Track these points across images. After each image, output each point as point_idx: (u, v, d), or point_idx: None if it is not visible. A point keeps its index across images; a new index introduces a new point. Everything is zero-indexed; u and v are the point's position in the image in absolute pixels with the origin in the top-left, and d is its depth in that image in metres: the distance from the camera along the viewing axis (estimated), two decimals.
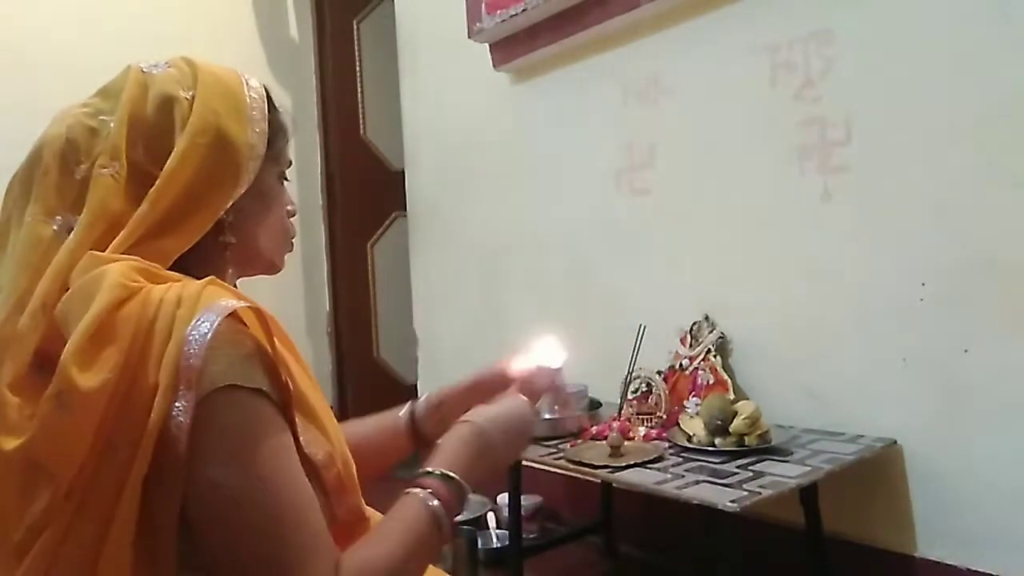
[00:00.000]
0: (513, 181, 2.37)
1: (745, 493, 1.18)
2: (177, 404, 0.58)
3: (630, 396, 1.71)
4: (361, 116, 3.48)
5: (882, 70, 1.47)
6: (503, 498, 2.00)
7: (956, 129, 1.37)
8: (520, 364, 1.01)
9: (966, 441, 1.37)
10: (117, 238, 0.65)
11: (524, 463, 1.67)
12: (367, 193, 3.43)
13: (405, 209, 2.92)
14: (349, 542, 0.66)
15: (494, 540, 2.03)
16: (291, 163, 0.82)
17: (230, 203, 0.71)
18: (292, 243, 0.83)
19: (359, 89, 3.48)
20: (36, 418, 0.57)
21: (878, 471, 1.47)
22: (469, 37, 2.29)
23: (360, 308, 3.45)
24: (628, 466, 1.34)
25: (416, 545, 0.67)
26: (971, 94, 1.35)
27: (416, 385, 2.87)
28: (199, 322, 0.59)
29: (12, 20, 2.90)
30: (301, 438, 0.65)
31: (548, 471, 1.68)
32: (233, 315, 0.61)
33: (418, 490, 0.71)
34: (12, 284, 0.65)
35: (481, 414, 0.81)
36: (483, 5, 2.20)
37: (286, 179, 0.81)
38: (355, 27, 3.50)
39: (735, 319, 1.72)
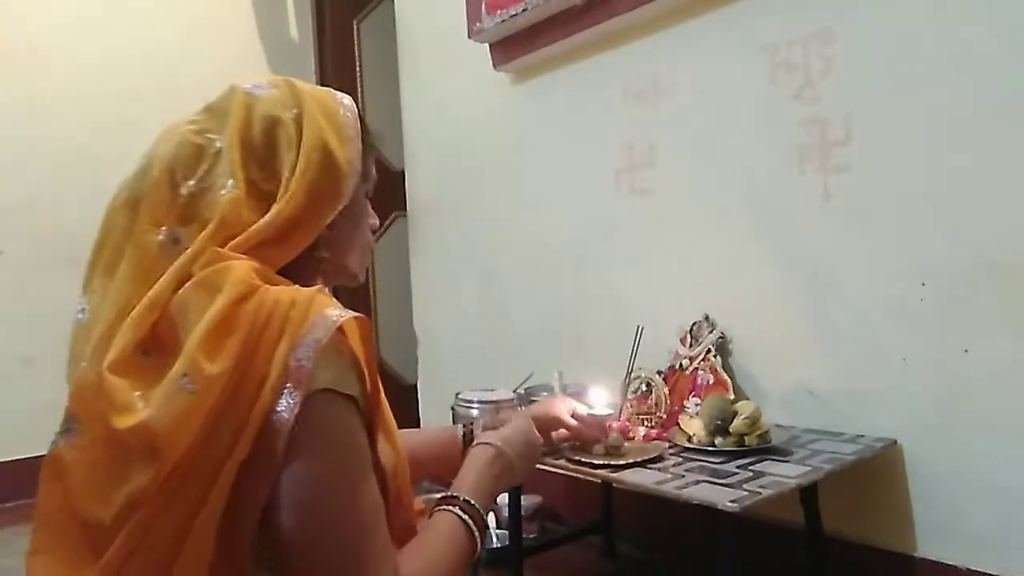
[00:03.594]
0: (513, 181, 2.37)
1: (745, 493, 1.18)
2: (282, 400, 0.61)
3: (630, 396, 1.71)
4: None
5: (882, 70, 1.47)
6: (503, 498, 2.00)
7: (956, 129, 1.37)
8: (571, 409, 1.20)
9: (966, 441, 1.37)
10: (233, 242, 0.68)
11: None
12: None
13: (405, 209, 2.92)
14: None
15: (494, 540, 2.03)
16: (376, 179, 0.86)
17: (331, 219, 0.75)
18: (371, 256, 0.88)
19: (359, 89, 3.48)
20: (157, 397, 0.60)
21: (878, 471, 1.47)
22: (469, 37, 2.29)
23: (360, 308, 3.44)
24: (628, 466, 1.34)
25: (457, 554, 0.75)
26: (971, 94, 1.35)
27: (416, 385, 2.87)
28: (313, 327, 0.63)
29: (11, 20, 2.90)
30: (378, 446, 0.70)
31: (548, 471, 1.68)
32: (340, 326, 0.65)
33: (452, 507, 0.78)
34: (118, 292, 0.68)
35: (498, 436, 0.90)
36: (483, 5, 2.20)
37: (369, 195, 0.85)
38: (355, 27, 3.50)
39: (735, 319, 1.72)
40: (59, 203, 2.93)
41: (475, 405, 1.69)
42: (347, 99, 0.81)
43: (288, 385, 0.61)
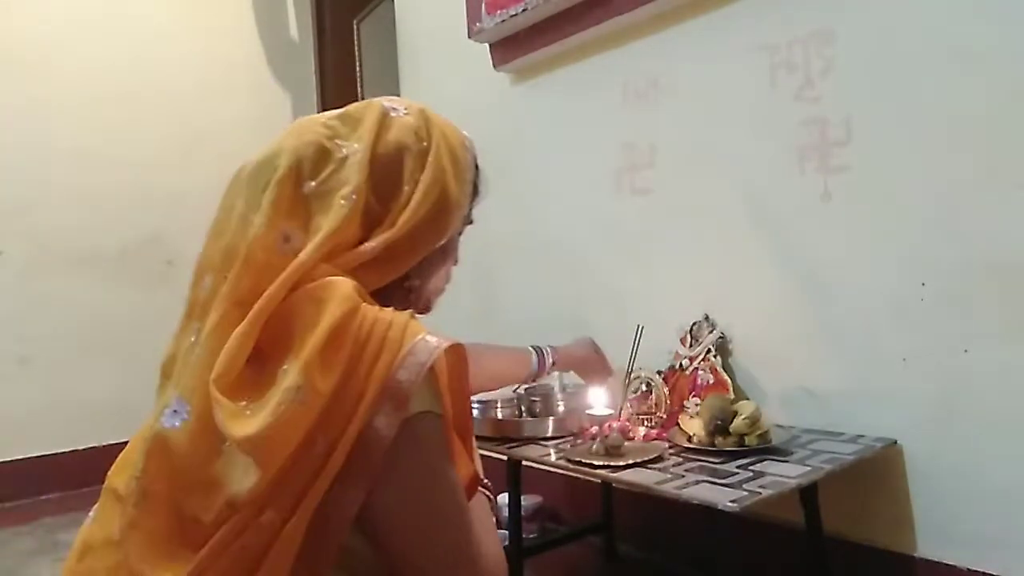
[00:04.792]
0: (513, 181, 2.37)
1: (745, 493, 1.18)
2: (380, 418, 0.63)
3: (630, 396, 1.71)
4: None
5: (882, 70, 1.47)
6: (503, 498, 2.00)
7: (956, 129, 1.37)
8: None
9: (966, 441, 1.37)
10: (338, 260, 0.71)
11: (524, 463, 1.67)
12: None
13: None
14: None
15: None
16: (472, 222, 0.88)
17: (429, 252, 0.78)
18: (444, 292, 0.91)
19: (359, 89, 3.48)
20: (268, 409, 0.61)
21: (878, 471, 1.47)
22: (469, 37, 2.29)
23: None
24: (628, 466, 1.34)
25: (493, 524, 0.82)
26: (971, 94, 1.35)
27: None
28: (414, 350, 0.66)
29: (11, 20, 2.90)
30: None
31: (548, 471, 1.68)
32: (441, 351, 0.68)
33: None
34: (235, 280, 0.69)
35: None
36: (483, 5, 2.20)
37: (461, 234, 0.88)
38: (355, 27, 3.50)
39: (735, 319, 1.72)
40: (59, 203, 2.93)
41: (475, 405, 1.70)
42: (470, 142, 0.84)
43: (387, 404, 0.64)
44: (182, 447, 0.65)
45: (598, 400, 1.51)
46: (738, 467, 1.31)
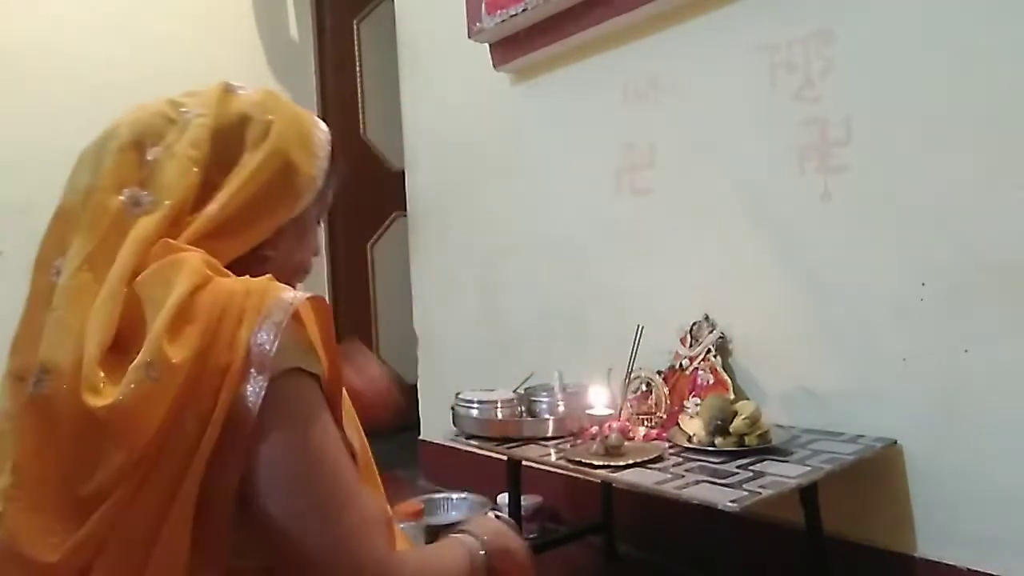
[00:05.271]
0: (513, 181, 2.37)
1: (745, 493, 1.18)
2: (247, 385, 0.62)
3: (630, 396, 1.71)
4: (361, 116, 3.48)
5: (882, 70, 1.47)
6: (503, 498, 2.00)
7: (956, 129, 1.37)
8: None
9: (966, 441, 1.37)
10: (187, 231, 0.70)
11: (524, 463, 1.67)
12: (367, 193, 3.43)
13: (405, 209, 2.92)
14: None
15: None
16: (329, 205, 0.88)
17: (281, 223, 0.77)
18: (304, 278, 0.89)
19: (359, 89, 3.48)
20: (123, 384, 0.60)
21: (878, 471, 1.47)
22: (469, 37, 2.29)
23: (360, 308, 3.45)
24: (628, 466, 1.34)
25: (450, 560, 0.77)
26: (971, 94, 1.35)
27: (416, 385, 2.87)
28: (271, 311, 0.65)
29: (11, 21, 2.90)
30: (343, 426, 0.71)
31: (548, 471, 1.68)
32: (297, 307, 0.66)
33: (466, 537, 0.80)
34: (80, 245, 0.70)
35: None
36: (483, 5, 2.20)
37: (318, 221, 0.87)
38: (355, 27, 3.50)
39: (735, 319, 1.72)
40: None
41: (475, 405, 1.70)
42: (324, 126, 0.84)
43: (252, 370, 0.62)
44: (66, 407, 0.62)
45: (598, 399, 1.51)
46: (738, 467, 1.32)
